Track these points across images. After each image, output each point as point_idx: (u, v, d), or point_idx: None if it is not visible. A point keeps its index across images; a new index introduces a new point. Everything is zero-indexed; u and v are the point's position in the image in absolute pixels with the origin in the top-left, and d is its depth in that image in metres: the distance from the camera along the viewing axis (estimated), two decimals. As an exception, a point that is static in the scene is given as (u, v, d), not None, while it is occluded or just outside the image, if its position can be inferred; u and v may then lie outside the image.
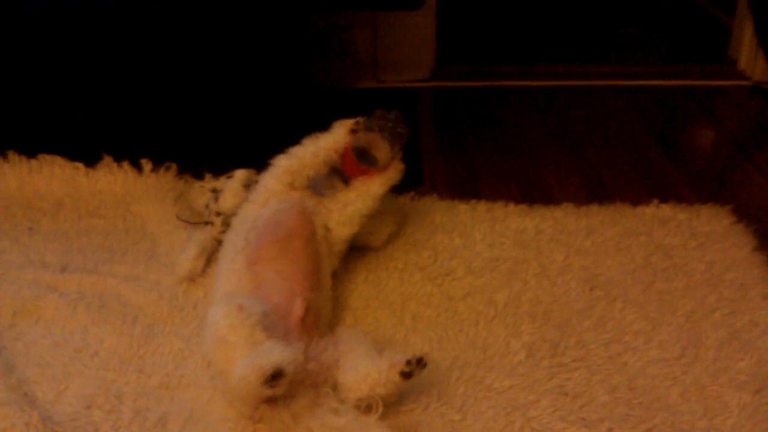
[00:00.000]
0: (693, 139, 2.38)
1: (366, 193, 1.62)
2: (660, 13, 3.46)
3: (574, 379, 1.41)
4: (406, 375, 1.27)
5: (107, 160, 2.00)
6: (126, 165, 1.99)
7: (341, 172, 1.65)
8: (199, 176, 1.98)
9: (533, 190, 2.03)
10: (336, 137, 1.62)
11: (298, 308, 1.39)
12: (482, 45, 3.02)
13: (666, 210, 1.90)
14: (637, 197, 1.96)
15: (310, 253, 1.51)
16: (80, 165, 1.99)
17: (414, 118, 2.44)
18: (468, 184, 2.07)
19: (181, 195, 1.91)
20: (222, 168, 1.87)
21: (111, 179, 1.97)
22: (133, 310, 1.56)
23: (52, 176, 1.97)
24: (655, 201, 1.92)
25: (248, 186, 1.68)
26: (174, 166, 2.01)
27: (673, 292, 1.62)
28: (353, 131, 1.61)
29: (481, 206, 1.91)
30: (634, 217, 1.88)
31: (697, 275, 1.68)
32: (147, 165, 1.99)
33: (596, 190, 2.03)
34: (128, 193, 1.94)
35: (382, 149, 1.60)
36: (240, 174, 1.70)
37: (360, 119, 1.62)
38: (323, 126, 1.66)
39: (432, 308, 1.59)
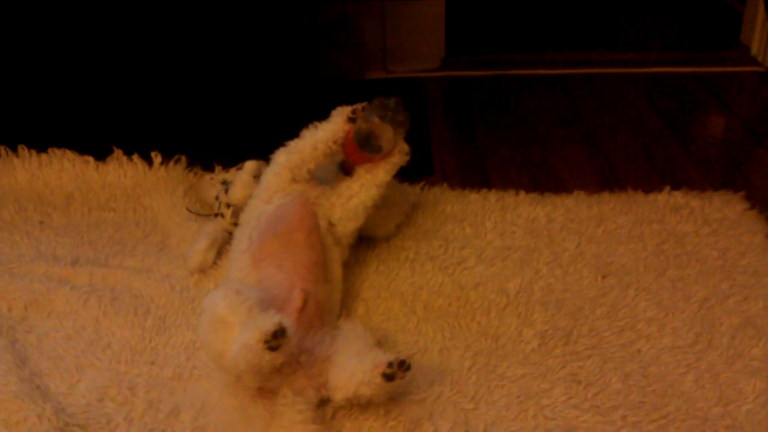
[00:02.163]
0: (705, 126, 2.36)
1: (370, 182, 1.59)
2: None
3: (587, 367, 1.40)
4: (388, 377, 1.24)
5: (117, 153, 2.00)
6: (136, 158, 1.99)
7: (345, 162, 1.63)
8: (209, 168, 1.99)
9: (544, 179, 2.02)
10: (335, 127, 1.58)
11: (296, 299, 1.38)
12: (492, 34, 3.00)
13: (678, 197, 1.88)
14: (648, 184, 1.95)
15: (312, 245, 1.49)
16: (90, 159, 2.00)
17: (424, 108, 2.44)
18: (478, 174, 2.06)
19: (191, 187, 1.91)
20: (232, 160, 1.87)
21: (121, 172, 1.97)
22: (144, 302, 1.56)
23: (63, 170, 1.97)
24: (667, 188, 1.91)
25: (258, 177, 1.67)
26: (184, 159, 2.01)
27: (686, 279, 1.61)
28: (351, 119, 1.59)
29: (492, 195, 1.90)
30: (646, 204, 1.86)
31: (710, 262, 1.66)
32: (157, 158, 1.99)
33: (608, 177, 2.02)
34: (138, 186, 1.94)
35: (384, 136, 1.57)
36: (249, 165, 1.70)
37: (358, 107, 1.60)
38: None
39: (443, 297, 1.58)
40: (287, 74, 2.20)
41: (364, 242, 1.71)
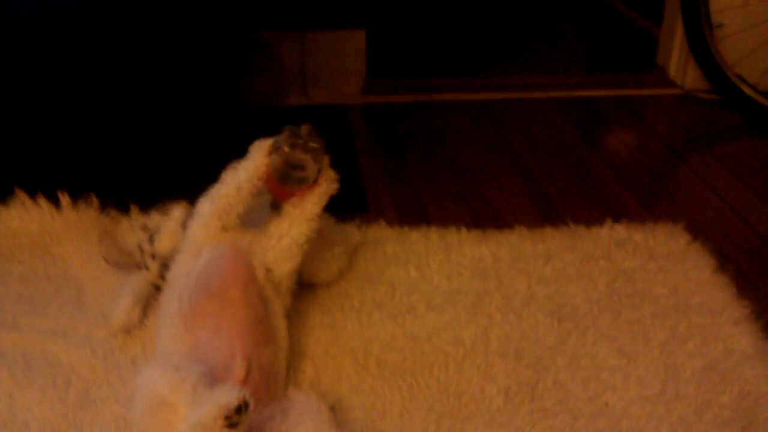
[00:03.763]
0: (634, 151, 2.34)
1: (299, 217, 1.46)
2: (584, 22, 3.45)
3: (557, 426, 1.31)
4: None
5: (20, 195, 1.80)
6: (41, 200, 1.80)
7: (274, 198, 1.51)
8: (125, 210, 1.81)
9: (483, 212, 1.95)
10: (255, 163, 1.45)
11: (238, 368, 1.24)
12: (413, 59, 2.92)
13: (621, 231, 1.84)
14: (586, 215, 1.92)
15: (250, 302, 1.35)
16: (-12, 202, 1.79)
17: (349, 136, 2.33)
18: (415, 208, 1.96)
19: (106, 233, 1.73)
20: (148, 199, 1.72)
21: (26, 217, 1.77)
22: (63, 372, 1.39)
23: (-44, 215, 1.76)
24: (609, 221, 1.86)
25: (186, 225, 1.52)
26: (95, 200, 1.83)
27: (643, 321, 1.56)
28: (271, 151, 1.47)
29: (434, 234, 1.81)
30: (590, 239, 1.81)
31: (663, 301, 1.62)
32: (65, 199, 1.80)
33: (545, 208, 1.97)
34: (46, 232, 1.75)
35: (305, 165, 1.45)
36: (177, 212, 1.54)
37: (279, 138, 1.48)
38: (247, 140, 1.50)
39: (396, 352, 1.47)
40: (201, 102, 2.05)
41: (304, 291, 1.58)
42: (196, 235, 1.43)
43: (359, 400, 1.36)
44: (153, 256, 1.54)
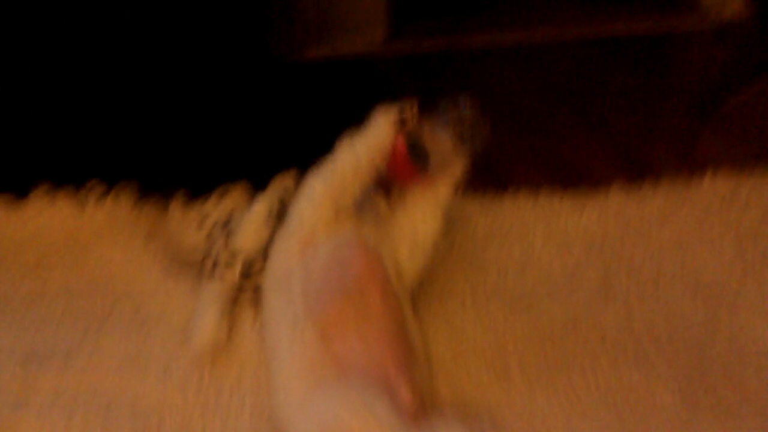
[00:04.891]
0: (713, 90, 2.13)
1: (434, 204, 1.25)
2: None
3: (745, 428, 1.14)
4: None
5: (44, 188, 1.50)
6: (70, 192, 1.51)
7: (386, 180, 1.27)
8: (168, 196, 1.55)
9: (565, 172, 1.73)
10: (379, 138, 1.20)
11: (404, 392, 1.04)
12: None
13: (724, 184, 1.64)
14: (678, 166, 1.71)
15: (390, 305, 1.13)
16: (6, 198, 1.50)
17: (382, 91, 2.07)
18: (486, 173, 1.73)
19: (158, 228, 1.47)
20: (191, 182, 1.47)
21: (54, 214, 1.48)
22: (150, 416, 1.13)
23: (-32, 219, 1.47)
24: (708, 173, 1.67)
25: (270, 218, 1.28)
26: (132, 187, 1.54)
27: (791, 286, 1.39)
28: (400, 122, 1.22)
29: (523, 202, 1.59)
30: (695, 196, 1.62)
31: (801, 258, 1.45)
32: (97, 190, 1.52)
33: (627, 162, 1.76)
34: (81, 230, 1.47)
35: (447, 149, 1.22)
36: (262, 207, 1.27)
37: (408, 106, 1.24)
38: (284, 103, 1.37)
39: (534, 351, 1.26)
40: (232, 58, 1.81)
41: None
42: (306, 218, 1.19)
43: (513, 413, 1.16)
44: (233, 255, 1.29)
